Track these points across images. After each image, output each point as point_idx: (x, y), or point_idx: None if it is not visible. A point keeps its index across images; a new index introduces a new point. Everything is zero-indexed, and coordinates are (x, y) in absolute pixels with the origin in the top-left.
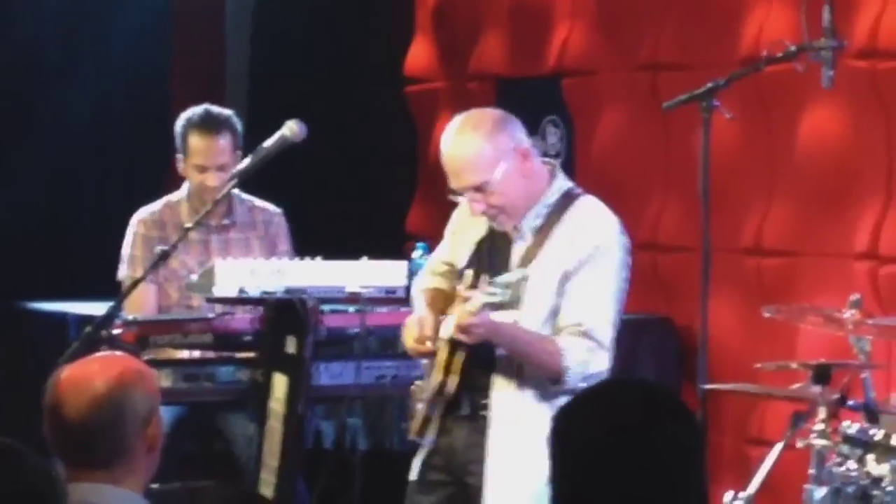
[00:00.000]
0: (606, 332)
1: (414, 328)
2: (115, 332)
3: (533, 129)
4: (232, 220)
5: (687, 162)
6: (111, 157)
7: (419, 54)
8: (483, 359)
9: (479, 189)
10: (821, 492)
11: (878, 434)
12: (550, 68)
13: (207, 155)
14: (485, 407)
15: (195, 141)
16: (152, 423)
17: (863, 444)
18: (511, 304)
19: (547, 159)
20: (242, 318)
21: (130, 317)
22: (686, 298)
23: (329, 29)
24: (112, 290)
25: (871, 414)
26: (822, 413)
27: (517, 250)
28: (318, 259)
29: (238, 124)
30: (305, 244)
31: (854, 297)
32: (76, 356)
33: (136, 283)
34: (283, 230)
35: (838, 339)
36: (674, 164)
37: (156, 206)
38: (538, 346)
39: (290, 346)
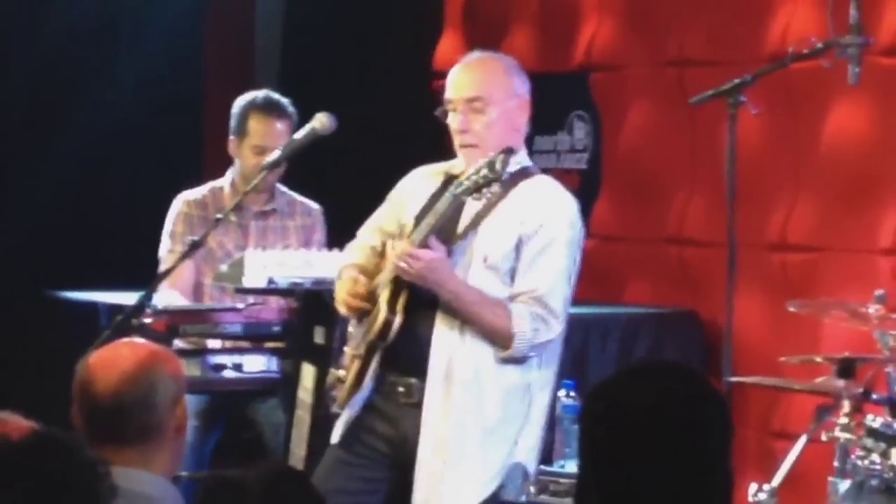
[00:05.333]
0: (560, 301)
1: (348, 282)
2: (146, 320)
3: (560, 123)
4: (272, 208)
5: (713, 157)
6: (144, 147)
7: (448, 49)
8: (422, 335)
9: (472, 102)
10: (845, 485)
11: None
12: (578, 63)
13: (267, 136)
14: None
15: (256, 122)
16: (180, 405)
17: (887, 437)
18: (444, 226)
19: None
20: (271, 309)
21: (161, 306)
22: (711, 293)
23: (359, 23)
24: (143, 279)
25: (895, 408)
26: (846, 407)
27: (468, 210)
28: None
29: (295, 115)
30: (333, 237)
31: (878, 292)
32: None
33: (166, 273)
34: (320, 223)
35: (862, 333)
36: (700, 160)
37: (200, 189)
38: (487, 306)
39: (319, 336)
